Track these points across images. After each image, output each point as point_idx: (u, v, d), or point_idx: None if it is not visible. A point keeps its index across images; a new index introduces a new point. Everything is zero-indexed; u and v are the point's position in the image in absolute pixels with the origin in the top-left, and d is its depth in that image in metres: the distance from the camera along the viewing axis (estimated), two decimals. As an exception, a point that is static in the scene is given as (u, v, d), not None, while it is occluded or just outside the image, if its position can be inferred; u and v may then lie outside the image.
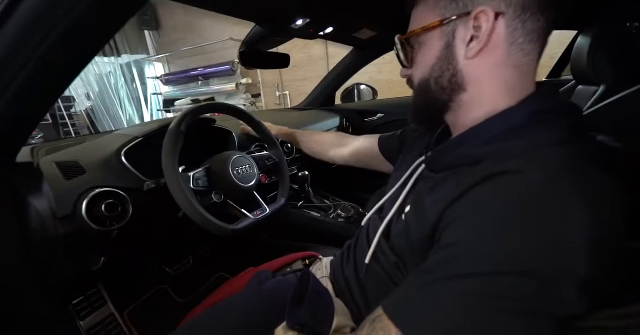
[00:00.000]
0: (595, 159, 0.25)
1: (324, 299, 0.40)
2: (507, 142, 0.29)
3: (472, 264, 0.23)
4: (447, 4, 0.30)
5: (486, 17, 0.28)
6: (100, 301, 0.73)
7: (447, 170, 0.33)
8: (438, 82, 0.33)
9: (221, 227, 0.53)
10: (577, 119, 0.30)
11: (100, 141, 0.67)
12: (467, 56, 0.30)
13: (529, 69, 0.31)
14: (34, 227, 0.45)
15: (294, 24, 0.70)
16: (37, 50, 0.32)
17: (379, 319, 0.26)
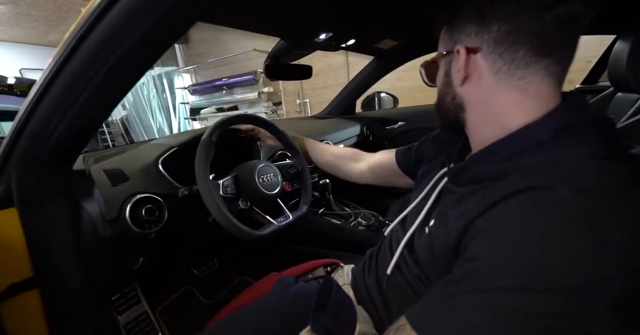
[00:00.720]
0: (629, 173, 0.25)
1: (347, 305, 0.41)
2: (532, 156, 0.29)
3: (497, 278, 0.23)
4: (447, 39, 0.37)
5: (462, 53, 0.33)
6: (135, 299, 0.78)
7: (471, 184, 0.33)
8: (444, 102, 0.39)
9: (247, 232, 0.56)
10: (608, 131, 0.30)
11: (140, 150, 0.73)
12: (458, 84, 0.36)
13: (536, 87, 0.31)
14: (86, 228, 0.50)
15: (317, 38, 0.73)
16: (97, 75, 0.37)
17: (403, 328, 0.27)
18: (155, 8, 0.31)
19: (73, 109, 0.40)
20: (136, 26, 0.32)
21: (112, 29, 0.33)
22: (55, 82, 0.38)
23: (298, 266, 0.63)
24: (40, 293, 0.48)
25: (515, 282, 0.22)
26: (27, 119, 0.40)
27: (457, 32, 0.35)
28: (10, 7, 3.10)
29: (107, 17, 0.32)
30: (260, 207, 0.65)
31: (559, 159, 0.27)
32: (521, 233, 0.24)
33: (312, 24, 0.66)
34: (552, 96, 0.31)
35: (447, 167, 0.41)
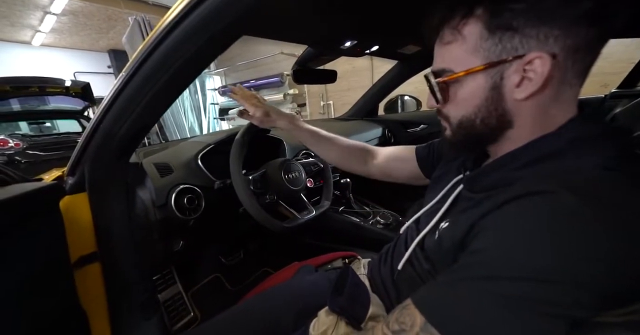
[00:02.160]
0: (631, 184, 0.26)
1: (362, 290, 0.45)
2: (545, 165, 0.30)
3: (497, 268, 0.26)
4: (492, 45, 0.29)
5: (542, 61, 0.28)
6: (172, 280, 0.88)
7: (486, 192, 0.34)
8: (485, 122, 0.33)
9: (275, 223, 0.62)
10: (620, 143, 0.30)
11: (181, 146, 0.82)
12: (517, 98, 0.30)
13: (573, 98, 0.31)
14: (140, 213, 0.59)
15: (343, 45, 0.78)
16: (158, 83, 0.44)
17: (407, 306, 0.31)
18: (210, 26, 0.37)
19: (136, 111, 0.48)
20: (193, 42, 0.39)
21: (174, 45, 0.40)
22: (125, 89, 0.47)
23: (318, 257, 0.67)
24: (102, 266, 0.57)
25: (512, 272, 0.25)
26: (101, 120, 0.49)
27: (521, 38, 0.28)
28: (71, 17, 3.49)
29: (171, 36, 0.39)
30: (285, 201, 0.71)
31: (568, 167, 0.29)
32: (522, 230, 0.26)
33: (338, 33, 0.70)
34: (574, 106, 0.32)
35: (462, 174, 0.42)
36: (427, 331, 0.28)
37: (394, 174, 0.66)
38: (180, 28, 0.38)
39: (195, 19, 0.36)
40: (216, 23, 0.37)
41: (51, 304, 0.49)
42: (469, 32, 0.31)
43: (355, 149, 0.68)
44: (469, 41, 0.31)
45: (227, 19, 0.36)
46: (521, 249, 0.26)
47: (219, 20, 0.36)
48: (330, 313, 0.44)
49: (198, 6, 0.35)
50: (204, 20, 0.36)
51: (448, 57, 0.33)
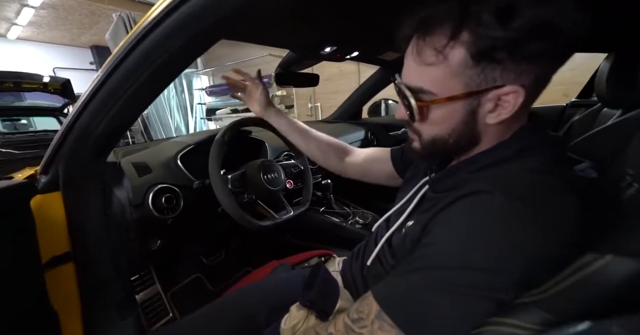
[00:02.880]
0: (561, 187, 0.29)
1: (332, 285, 0.48)
2: (494, 169, 0.34)
3: (439, 260, 0.30)
4: (474, 74, 0.30)
5: (517, 94, 0.30)
6: (150, 281, 0.87)
7: (445, 192, 0.37)
8: (457, 141, 0.35)
9: (251, 221, 0.63)
10: (558, 152, 0.35)
11: (161, 146, 0.82)
12: (488, 122, 0.33)
13: (526, 113, 0.35)
14: (116, 211, 0.59)
15: (323, 50, 0.81)
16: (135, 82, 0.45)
17: (367, 297, 0.34)
18: (193, 25, 0.38)
19: (115, 109, 0.48)
20: (176, 40, 0.40)
21: (157, 42, 0.40)
22: (103, 87, 0.47)
23: (295, 256, 0.69)
24: (75, 266, 0.57)
25: (452, 263, 0.29)
26: (78, 118, 0.49)
27: (501, 70, 0.29)
28: (50, 11, 3.37)
29: (154, 32, 0.39)
30: (264, 201, 0.73)
31: (509, 171, 0.33)
32: (461, 226, 0.30)
33: (318, 39, 0.73)
34: (525, 118, 0.36)
35: (429, 176, 0.46)
36: (380, 318, 0.31)
37: (370, 175, 0.68)
38: (164, 25, 0.38)
39: (179, 16, 0.37)
40: (199, 22, 0.37)
41: (19, 305, 0.49)
42: (453, 57, 0.30)
43: (332, 145, 0.69)
44: (452, 66, 0.30)
45: (210, 19, 0.36)
46: (459, 242, 0.29)
47: (203, 20, 0.37)
48: (301, 307, 0.46)
49: (182, 4, 0.36)
50: (187, 18, 0.37)
51: (427, 77, 0.32)
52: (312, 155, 0.70)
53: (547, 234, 0.27)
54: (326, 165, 0.70)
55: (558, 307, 0.22)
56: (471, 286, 0.27)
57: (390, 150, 0.65)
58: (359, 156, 0.69)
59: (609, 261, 0.20)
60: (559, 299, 0.22)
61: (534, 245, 0.26)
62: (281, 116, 0.69)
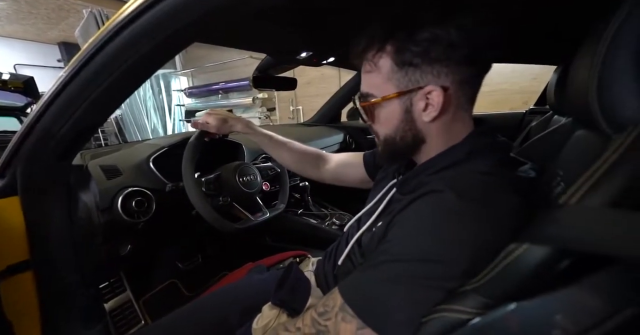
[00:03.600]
0: (505, 186, 0.33)
1: (303, 283, 0.49)
2: (448, 171, 0.37)
3: (395, 253, 0.32)
4: (401, 77, 0.36)
5: (437, 93, 0.35)
6: (121, 288, 0.84)
7: (409, 193, 0.39)
8: (403, 139, 0.40)
9: (225, 223, 0.63)
10: (503, 154, 0.39)
11: (133, 149, 0.80)
12: (424, 120, 0.37)
13: (468, 117, 0.40)
14: (82, 215, 0.57)
15: (299, 55, 0.83)
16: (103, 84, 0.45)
17: (333, 291, 0.36)
18: (160, 31, 0.38)
19: (81, 109, 0.47)
20: (142, 45, 0.39)
21: (123, 46, 0.40)
22: (69, 86, 0.45)
23: (270, 257, 0.70)
24: (35, 274, 0.54)
25: (405, 256, 0.32)
26: (39, 118, 0.47)
27: (420, 73, 0.35)
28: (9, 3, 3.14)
29: (121, 35, 0.39)
30: (240, 203, 0.73)
31: (460, 173, 0.36)
32: (416, 222, 0.33)
33: (294, 45, 0.75)
34: (470, 124, 0.40)
35: (396, 179, 0.49)
36: (344, 310, 0.33)
37: (344, 179, 0.71)
38: (136, 24, 0.37)
39: (152, 16, 0.36)
40: (173, 23, 0.36)
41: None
42: (382, 64, 0.37)
43: (309, 154, 0.72)
44: (382, 72, 0.37)
45: (184, 21, 0.36)
46: (414, 236, 0.32)
47: (176, 21, 0.36)
48: (273, 307, 0.47)
49: (156, 4, 0.35)
50: (160, 18, 0.36)
51: (369, 83, 0.40)
52: (289, 166, 0.73)
53: (490, 228, 0.30)
54: (305, 174, 0.73)
55: (492, 291, 0.24)
56: (424, 277, 0.30)
57: (363, 155, 0.68)
58: (333, 162, 0.72)
59: (526, 248, 0.22)
60: (492, 284, 0.25)
61: (479, 239, 0.29)
62: (259, 133, 0.70)
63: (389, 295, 0.31)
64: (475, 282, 0.26)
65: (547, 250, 0.21)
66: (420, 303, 0.29)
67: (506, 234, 0.30)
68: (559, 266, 0.21)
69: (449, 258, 0.29)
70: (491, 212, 0.30)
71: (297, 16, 0.56)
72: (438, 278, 0.29)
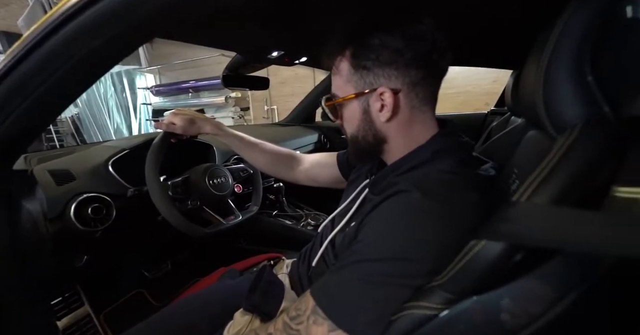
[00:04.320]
0: (467, 184, 0.35)
1: (276, 287, 0.48)
2: (415, 171, 0.39)
3: (365, 253, 0.33)
4: (357, 79, 0.39)
5: (389, 94, 0.37)
6: (78, 302, 0.77)
7: (380, 193, 0.39)
8: (365, 138, 0.42)
9: (195, 228, 0.60)
10: (466, 154, 0.41)
11: (89, 151, 0.74)
12: (381, 120, 0.39)
13: (428, 118, 0.41)
14: (25, 226, 0.51)
15: (270, 54, 0.81)
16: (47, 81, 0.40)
17: (305, 295, 0.35)
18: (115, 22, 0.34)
19: (22, 108, 0.42)
20: (94, 38, 0.35)
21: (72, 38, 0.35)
22: (8, 78, 0.40)
23: (244, 261, 0.68)
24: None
25: (374, 255, 0.32)
26: None
27: (373, 75, 0.37)
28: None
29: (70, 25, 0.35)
30: (211, 207, 0.70)
31: (426, 172, 0.37)
32: (384, 222, 0.34)
33: (264, 43, 0.73)
34: (433, 125, 0.42)
35: (369, 179, 0.50)
36: (315, 312, 0.32)
37: (318, 179, 0.71)
38: (88, 13, 0.33)
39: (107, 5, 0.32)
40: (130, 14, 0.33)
41: None
42: (342, 67, 0.40)
43: (282, 155, 0.71)
44: (343, 75, 0.40)
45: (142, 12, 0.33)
46: (382, 236, 0.32)
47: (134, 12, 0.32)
48: (245, 313, 0.45)
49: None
50: (116, 8, 0.32)
51: (335, 85, 0.43)
52: (262, 168, 0.72)
53: (454, 225, 0.31)
54: (278, 175, 0.73)
55: (455, 287, 0.26)
56: (392, 275, 0.30)
57: (337, 155, 0.68)
58: (306, 162, 0.71)
59: (484, 245, 0.24)
60: (455, 280, 0.26)
61: (444, 236, 0.30)
62: (229, 134, 0.68)
63: (359, 295, 0.31)
64: (440, 279, 0.27)
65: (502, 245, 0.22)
66: (389, 301, 0.30)
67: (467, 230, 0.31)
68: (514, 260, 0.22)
69: (416, 256, 0.30)
70: (454, 210, 0.32)
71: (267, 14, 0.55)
72: (406, 276, 0.30)
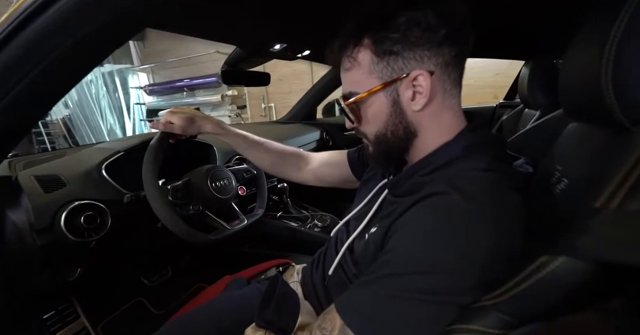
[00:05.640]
0: (506, 183, 0.31)
1: (291, 299, 0.44)
2: (445, 170, 0.35)
3: (399, 265, 0.28)
4: (382, 68, 0.35)
5: (424, 77, 0.33)
6: (73, 315, 0.72)
7: (406, 196, 0.36)
8: (394, 134, 0.38)
9: (198, 235, 0.56)
10: (499, 149, 0.37)
11: (80, 155, 0.69)
12: (414, 109, 0.35)
13: (457, 107, 0.37)
14: (10, 239, 0.46)
15: (272, 48, 0.76)
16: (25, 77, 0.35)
17: (330, 311, 0.31)
18: (103, 7, 0.30)
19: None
20: (78, 26, 0.31)
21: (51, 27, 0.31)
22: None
23: (251, 268, 0.64)
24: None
25: (411, 268, 0.28)
26: None
27: (403, 60, 0.34)
28: None
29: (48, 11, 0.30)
30: (214, 211, 0.65)
31: (460, 171, 0.33)
32: (421, 229, 0.29)
33: (266, 35, 0.69)
34: (461, 116, 0.38)
35: (387, 179, 0.45)
36: (344, 333, 0.28)
37: (327, 179, 0.67)
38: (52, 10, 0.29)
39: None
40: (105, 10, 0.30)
41: None
42: (362, 58, 0.35)
43: (288, 154, 0.67)
44: (363, 66, 0.36)
45: None
46: (418, 245, 0.28)
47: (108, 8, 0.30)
48: (258, 329, 0.41)
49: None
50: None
51: (351, 81, 0.38)
52: (267, 169, 0.68)
53: (501, 231, 0.27)
54: (284, 176, 0.68)
55: (517, 309, 0.22)
56: (432, 291, 0.26)
57: (347, 153, 0.64)
58: (315, 162, 0.68)
59: (562, 262, 0.20)
60: (518, 301, 0.22)
61: (492, 243, 0.27)
62: (232, 134, 0.63)
63: (394, 314, 0.27)
64: (496, 297, 0.23)
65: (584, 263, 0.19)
66: (432, 322, 0.26)
67: (515, 236, 0.28)
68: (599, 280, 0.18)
69: (460, 268, 0.26)
70: (499, 213, 0.28)
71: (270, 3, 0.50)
72: (449, 292, 0.26)
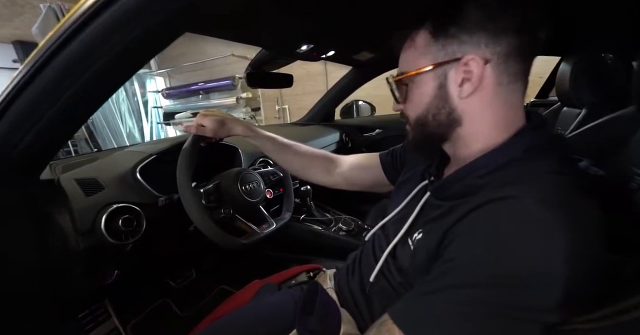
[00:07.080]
0: (580, 187, 0.28)
1: (332, 308, 0.43)
2: (505, 172, 0.32)
3: (466, 276, 0.26)
4: (437, 50, 0.34)
5: (476, 63, 0.32)
6: (105, 315, 0.74)
7: (455, 199, 0.34)
8: (436, 118, 0.36)
9: (232, 240, 0.56)
10: (565, 150, 0.35)
11: (114, 158, 0.70)
12: (461, 96, 0.34)
13: (516, 104, 0.34)
14: (55, 242, 0.47)
15: (299, 48, 0.76)
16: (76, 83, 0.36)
17: (385, 323, 0.29)
18: (146, 18, 0.31)
19: (46, 118, 0.38)
20: (118, 39, 0.32)
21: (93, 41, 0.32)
22: (26, 91, 0.36)
23: (280, 273, 0.63)
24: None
25: (481, 279, 0.25)
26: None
27: (458, 43, 0.33)
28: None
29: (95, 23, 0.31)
30: (243, 215, 0.65)
31: (526, 174, 0.31)
32: (489, 236, 0.27)
33: (295, 36, 0.68)
34: (521, 114, 0.35)
35: (427, 181, 0.43)
36: None
37: (358, 182, 0.65)
38: (109, 11, 0.30)
39: (126, 4, 0.29)
40: (152, 15, 0.30)
41: None
42: (419, 39, 0.36)
43: (317, 157, 0.66)
44: (418, 47, 0.36)
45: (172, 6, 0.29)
46: (489, 254, 0.26)
47: (159, 10, 0.30)
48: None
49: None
50: (138, 6, 0.29)
51: (405, 60, 0.38)
52: (296, 172, 0.67)
53: (583, 240, 0.25)
54: (313, 179, 0.67)
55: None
56: (510, 306, 0.24)
57: (379, 155, 0.63)
58: (345, 165, 0.66)
59: None
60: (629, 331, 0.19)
61: (571, 253, 0.24)
62: (261, 136, 0.63)
63: (466, 330, 0.25)
64: (594, 321, 0.20)
65: None
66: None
67: (599, 246, 0.25)
68: None
69: (537, 279, 0.24)
70: (579, 221, 0.25)
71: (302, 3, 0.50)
72: (530, 308, 0.23)
